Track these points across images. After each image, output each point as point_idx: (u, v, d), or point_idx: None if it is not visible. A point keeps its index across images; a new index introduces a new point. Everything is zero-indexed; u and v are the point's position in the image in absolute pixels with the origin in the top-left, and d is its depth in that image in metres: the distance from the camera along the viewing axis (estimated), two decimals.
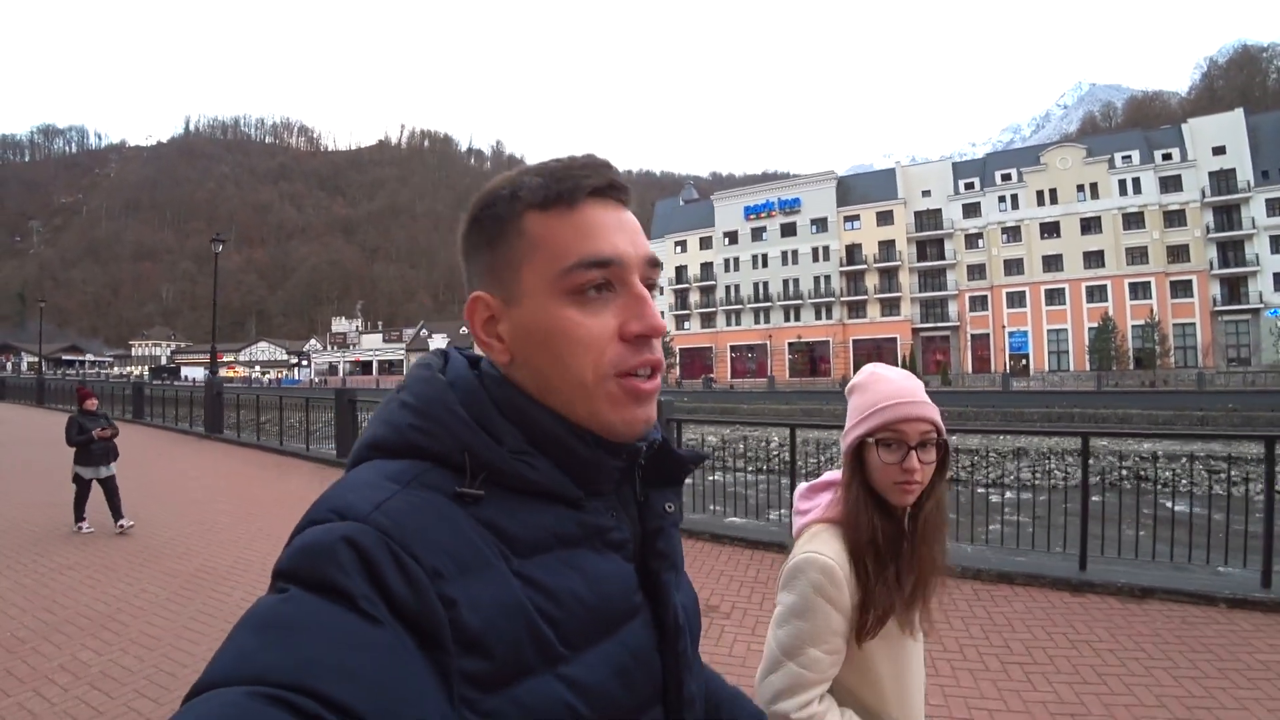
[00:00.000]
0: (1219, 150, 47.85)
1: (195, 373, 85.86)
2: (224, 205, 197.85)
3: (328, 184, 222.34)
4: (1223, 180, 47.39)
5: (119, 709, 3.07)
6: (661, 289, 63.59)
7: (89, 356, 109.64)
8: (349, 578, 0.45)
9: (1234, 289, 46.74)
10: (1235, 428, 27.95)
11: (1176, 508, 5.90)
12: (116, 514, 6.42)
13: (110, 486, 6.52)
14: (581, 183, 0.59)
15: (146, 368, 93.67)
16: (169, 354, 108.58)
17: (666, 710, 0.63)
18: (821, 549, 1.12)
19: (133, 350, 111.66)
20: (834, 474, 1.27)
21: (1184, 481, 7.81)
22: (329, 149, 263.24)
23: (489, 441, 0.56)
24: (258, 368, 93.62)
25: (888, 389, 1.16)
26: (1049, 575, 4.65)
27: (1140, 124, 75.67)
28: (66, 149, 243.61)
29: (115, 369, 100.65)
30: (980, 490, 7.53)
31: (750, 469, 6.54)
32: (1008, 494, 10.92)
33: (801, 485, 1.33)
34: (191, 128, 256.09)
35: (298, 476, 9.48)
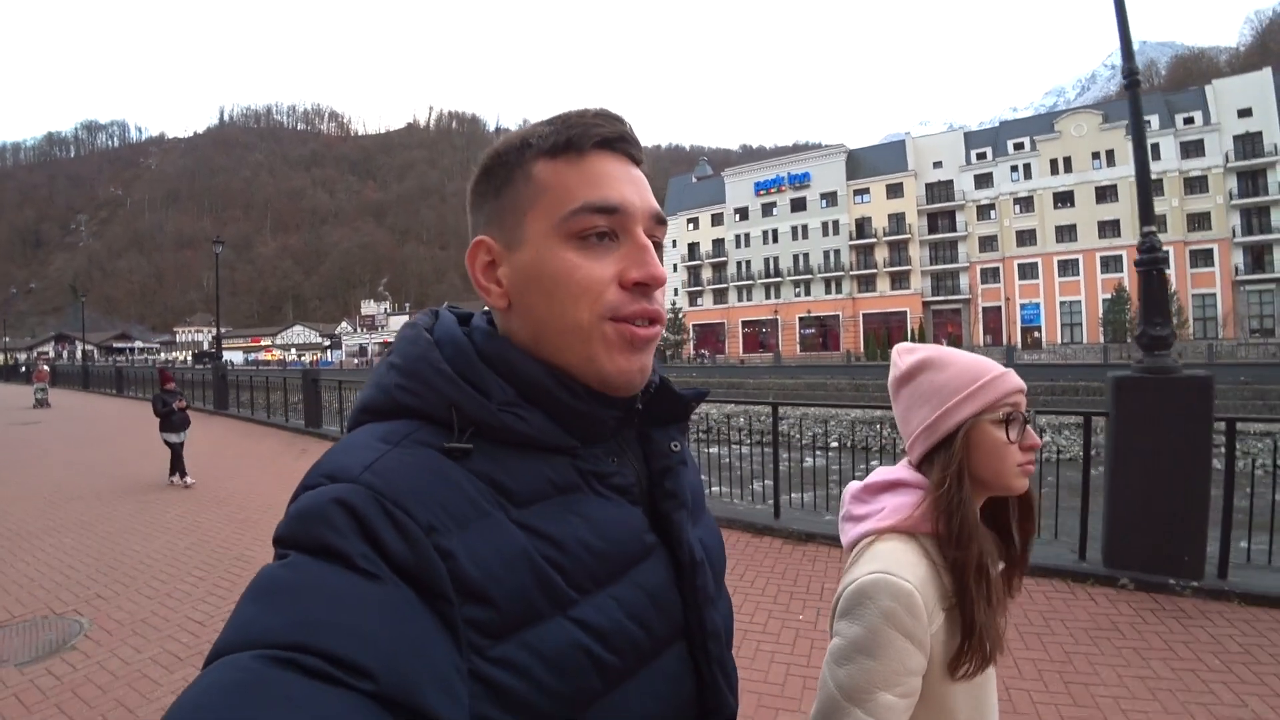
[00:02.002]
0: (1245, 113, 46.27)
1: (235, 357, 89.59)
2: (259, 193, 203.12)
3: (358, 168, 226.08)
4: (1248, 144, 45.86)
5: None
6: (675, 266, 64.26)
7: (137, 343, 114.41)
8: (344, 538, 0.45)
9: (1258, 257, 45.54)
10: (1246, 400, 27.97)
11: None
12: (183, 471, 8.30)
13: (178, 450, 8.40)
14: (591, 131, 0.60)
15: (190, 353, 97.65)
16: (211, 338, 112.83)
17: (690, 644, 0.63)
18: (895, 568, 0.92)
19: (177, 336, 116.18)
20: (893, 471, 1.06)
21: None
22: (359, 134, 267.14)
23: (475, 396, 0.56)
24: (293, 350, 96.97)
25: (973, 360, 1.02)
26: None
27: (1186, 84, 72.65)
28: (109, 143, 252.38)
29: (162, 354, 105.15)
30: None
31: (746, 442, 6.81)
32: None
33: (853, 485, 1.11)
34: (226, 118, 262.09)
35: (270, 439, 11.32)
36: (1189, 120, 47.77)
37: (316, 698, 0.38)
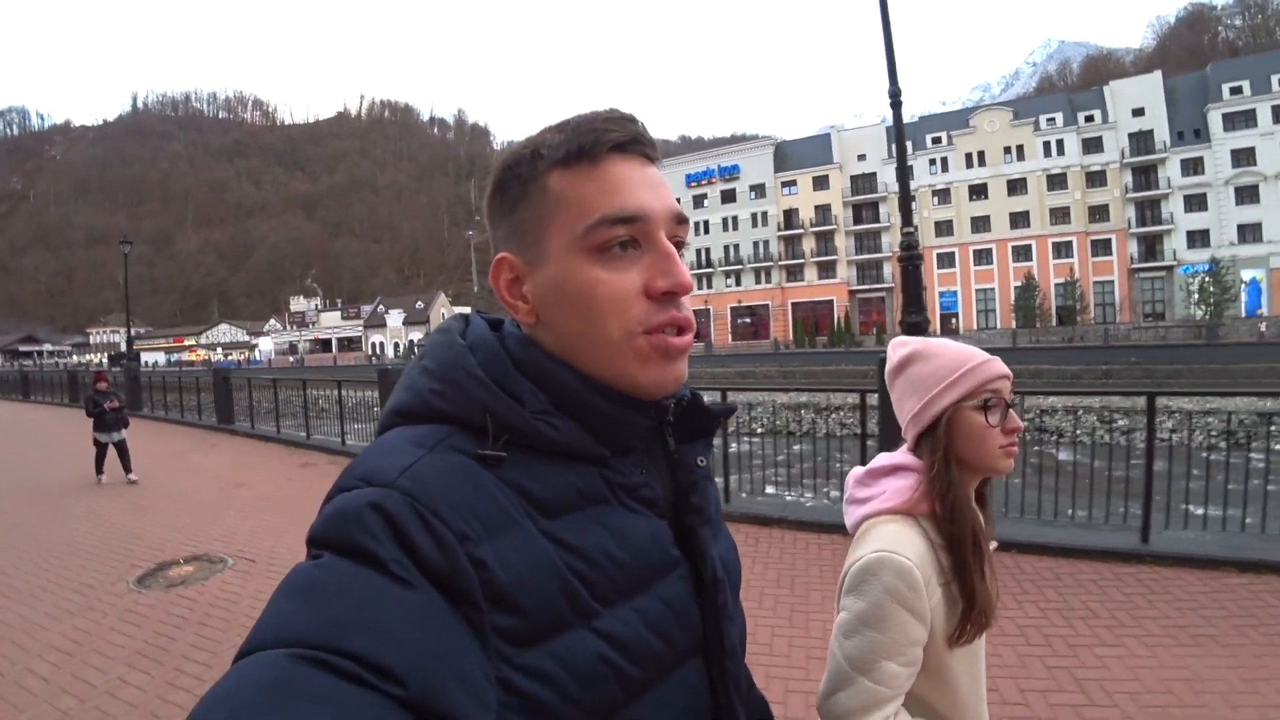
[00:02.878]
0: (1138, 112, 49.57)
1: (157, 358, 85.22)
2: (178, 185, 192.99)
3: (285, 159, 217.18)
4: (1141, 141, 49.22)
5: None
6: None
7: (46, 346, 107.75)
8: (378, 542, 0.45)
9: (1151, 247, 48.92)
10: (1136, 380, 30.18)
11: (1061, 456, 6.28)
12: (127, 468, 8.48)
13: (122, 448, 8.54)
14: (604, 137, 0.58)
15: (105, 355, 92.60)
16: (127, 340, 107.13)
17: (708, 660, 0.63)
18: (897, 547, 0.98)
19: (91, 338, 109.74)
20: (893, 457, 1.13)
21: (1077, 432, 8.43)
22: (285, 123, 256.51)
23: (510, 403, 0.56)
24: (220, 350, 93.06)
25: (961, 350, 1.07)
26: None
27: (1095, 82, 76.76)
28: (8, 131, 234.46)
29: (74, 358, 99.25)
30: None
31: None
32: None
33: (856, 469, 1.18)
34: (140, 104, 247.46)
35: (181, 437, 10.91)
36: (1089, 118, 50.84)
37: (346, 699, 0.39)
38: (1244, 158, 45.77)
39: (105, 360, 79.90)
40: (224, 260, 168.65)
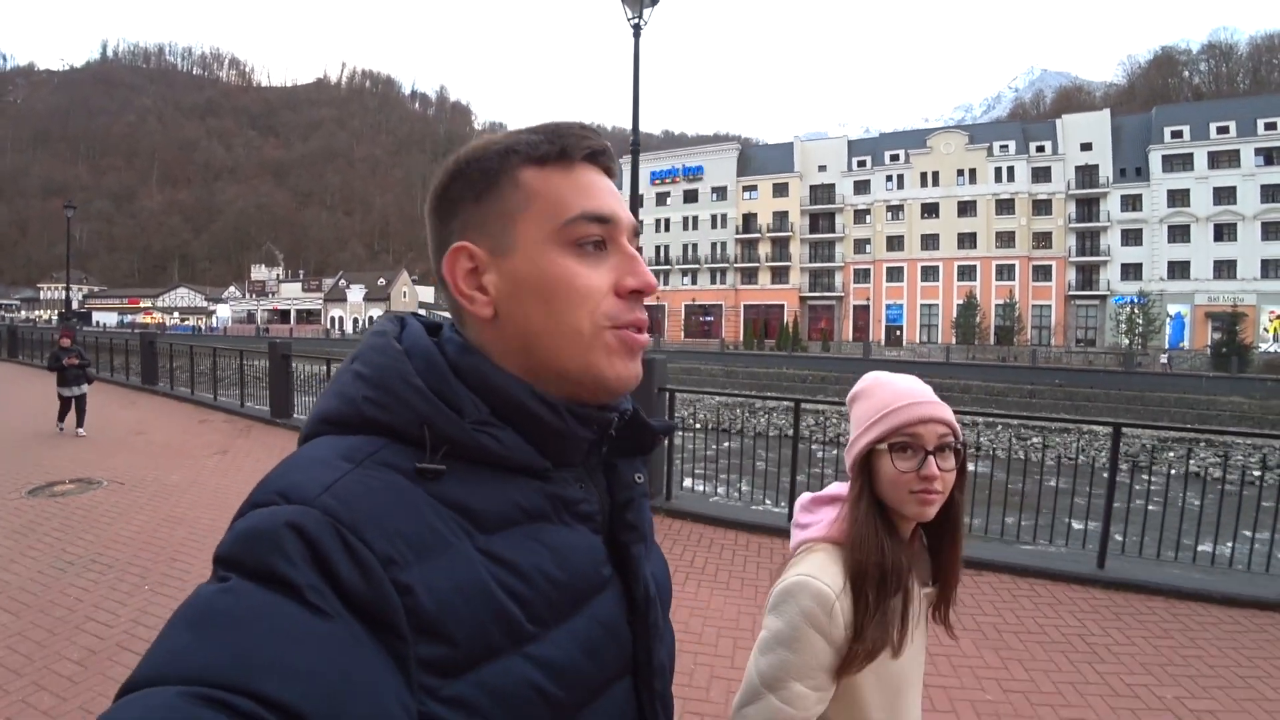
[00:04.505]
0: (1086, 146, 51.88)
1: (108, 318, 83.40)
2: (145, 140, 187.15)
3: (259, 122, 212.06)
4: (1087, 175, 51.50)
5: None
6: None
7: None
8: (294, 567, 0.43)
9: (1088, 276, 51.24)
10: (1057, 400, 32.16)
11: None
12: (80, 422, 9.11)
13: (80, 403, 9.16)
14: (580, 144, 0.60)
15: (56, 312, 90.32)
16: (81, 298, 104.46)
17: (637, 680, 0.63)
18: (817, 573, 1.00)
19: (41, 294, 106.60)
20: (838, 487, 1.15)
21: (997, 449, 8.78)
22: (262, 85, 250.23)
23: (449, 413, 0.54)
24: (176, 314, 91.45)
25: (894, 391, 1.07)
26: None
27: (1065, 113, 79.26)
28: None
29: (22, 313, 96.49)
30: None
31: None
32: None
33: (804, 495, 1.21)
34: (109, 53, 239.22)
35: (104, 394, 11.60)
36: (1040, 148, 53.00)
37: None
38: (1179, 198, 48.29)
39: (55, 317, 78.07)
40: (188, 222, 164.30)
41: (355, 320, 74.47)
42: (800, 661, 0.97)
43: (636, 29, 5.67)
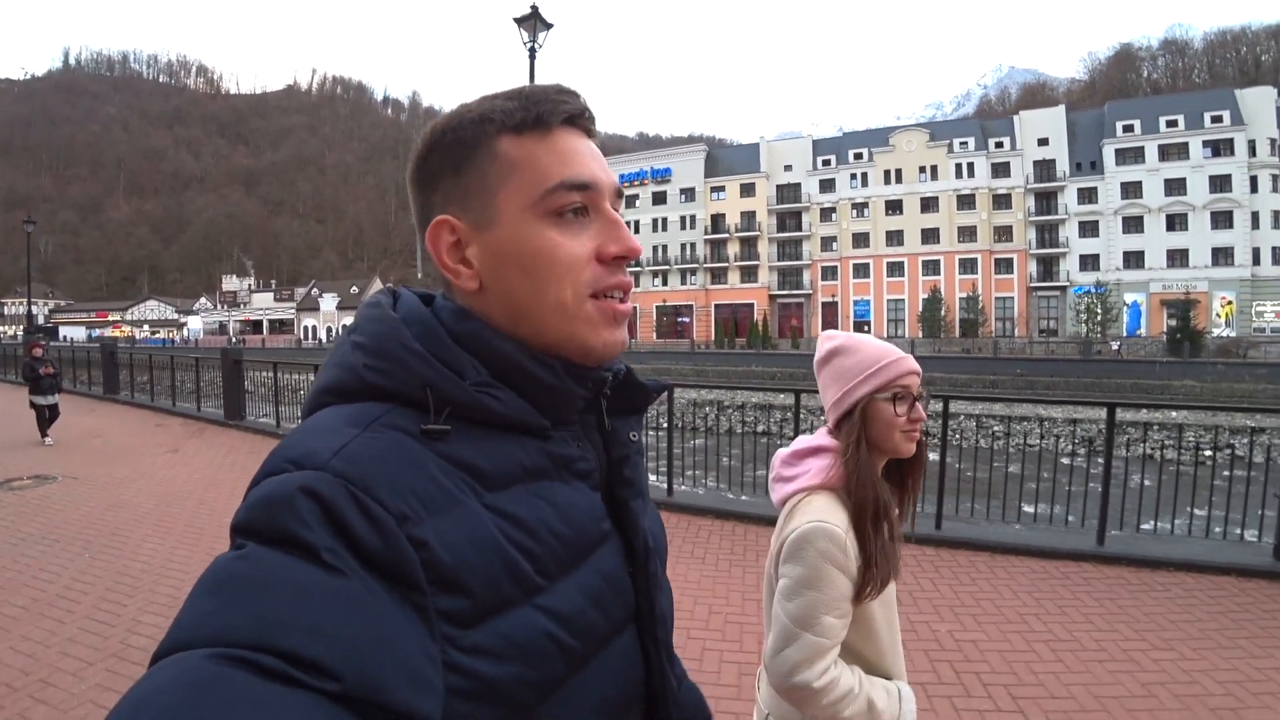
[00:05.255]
0: (1043, 142, 53.35)
1: (76, 333, 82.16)
2: (110, 150, 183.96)
3: (228, 130, 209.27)
4: (1044, 169, 52.95)
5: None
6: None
7: None
8: (310, 529, 0.43)
9: (1048, 268, 52.68)
10: (1020, 389, 33.19)
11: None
12: (44, 430, 9.27)
13: (53, 412, 9.37)
14: (557, 108, 0.59)
15: (20, 328, 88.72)
16: (47, 313, 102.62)
17: (640, 628, 0.65)
18: (826, 516, 1.13)
19: (5, 309, 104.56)
20: (814, 439, 1.27)
21: (955, 436, 8.80)
22: (231, 92, 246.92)
23: (450, 376, 0.55)
24: (146, 327, 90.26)
25: (878, 348, 1.22)
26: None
27: (1031, 109, 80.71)
28: None
29: None
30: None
31: None
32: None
33: (782, 451, 1.31)
34: (72, 61, 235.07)
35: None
36: (999, 144, 54.37)
37: (276, 700, 0.37)
38: (1132, 190, 49.94)
39: (20, 333, 76.66)
40: (156, 233, 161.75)
41: (329, 329, 74.16)
42: (826, 598, 1.10)
43: (532, 52, 6.17)
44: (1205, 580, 4.21)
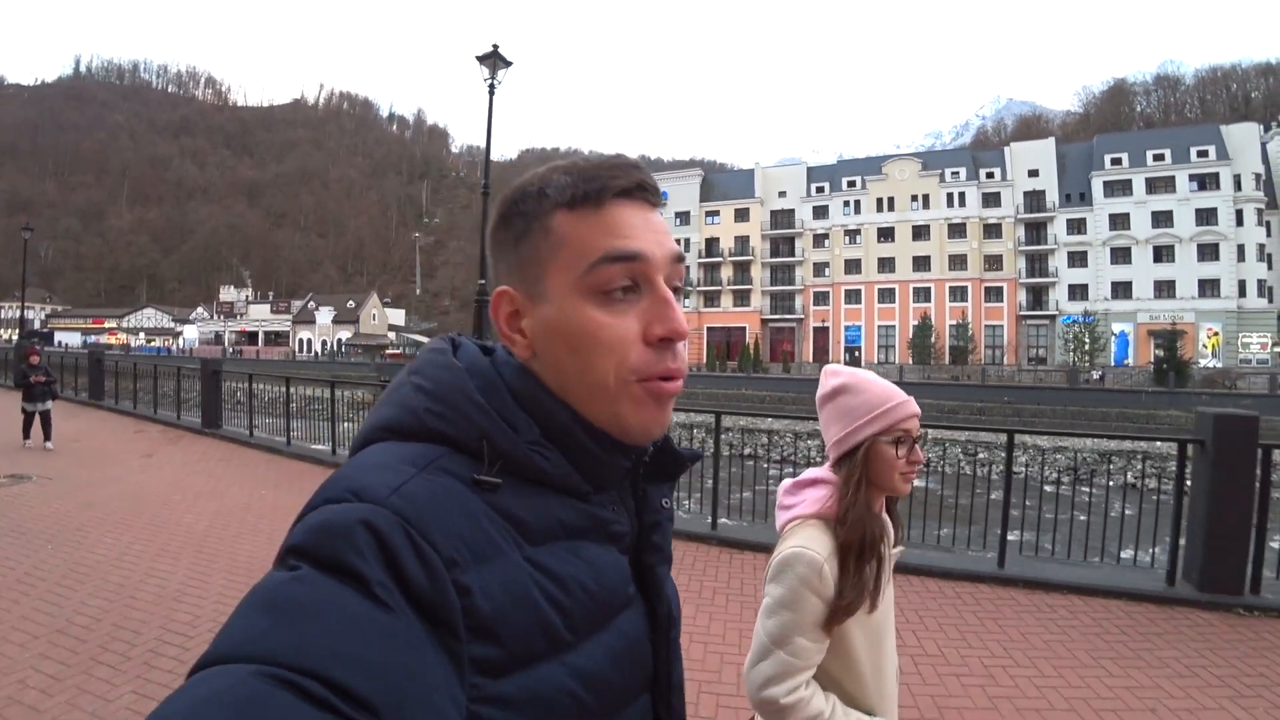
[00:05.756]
0: (1033, 173, 54.30)
1: (71, 338, 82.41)
2: (116, 158, 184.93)
3: (234, 142, 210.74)
4: (1034, 200, 53.86)
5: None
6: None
7: None
8: (365, 562, 0.44)
9: (1038, 296, 53.30)
10: (1005, 417, 33.50)
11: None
12: (47, 436, 9.46)
13: (46, 419, 9.52)
14: (609, 184, 0.59)
15: (13, 332, 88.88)
16: (44, 318, 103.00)
17: (655, 696, 0.65)
18: (810, 544, 1.18)
19: (3, 312, 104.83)
20: (816, 471, 1.32)
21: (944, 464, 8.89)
22: (238, 104, 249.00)
23: (507, 430, 0.56)
24: (142, 335, 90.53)
25: (883, 389, 1.26)
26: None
27: (1026, 140, 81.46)
28: None
29: None
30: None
31: None
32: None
33: (786, 481, 1.38)
34: (82, 69, 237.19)
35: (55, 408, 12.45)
36: (990, 175, 55.31)
37: None
38: (1120, 222, 50.75)
39: (14, 337, 76.68)
40: (157, 242, 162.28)
41: (324, 342, 74.46)
42: (801, 620, 1.15)
43: (491, 88, 6.65)
44: (1095, 603, 4.35)
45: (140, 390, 13.63)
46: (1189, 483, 4.62)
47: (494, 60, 6.63)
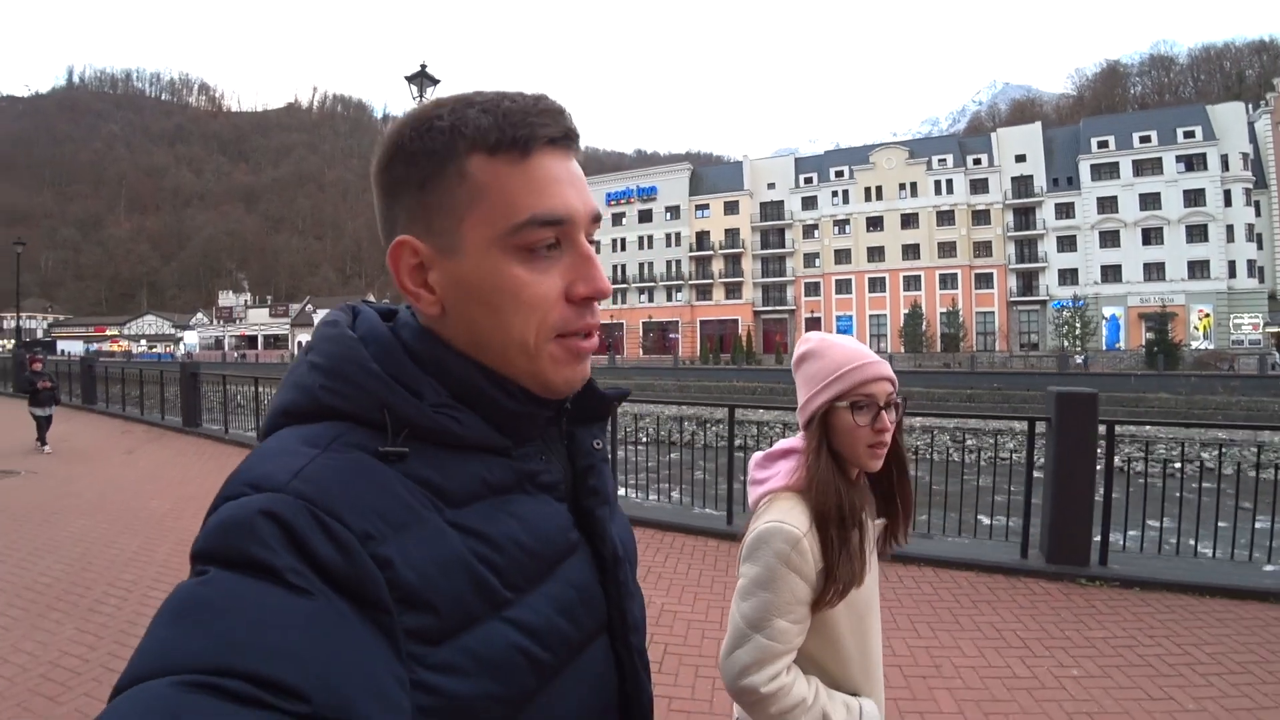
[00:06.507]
0: (1020, 158, 54.27)
1: (74, 347, 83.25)
2: (112, 167, 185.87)
3: (230, 148, 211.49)
4: (1022, 185, 53.82)
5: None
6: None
7: None
8: (272, 551, 0.43)
9: (1028, 282, 53.36)
10: (995, 404, 33.90)
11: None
12: (41, 440, 9.91)
13: (47, 422, 10.02)
14: (538, 131, 0.55)
15: (11, 342, 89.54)
16: (45, 328, 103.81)
17: (613, 637, 0.65)
18: (785, 518, 1.10)
19: (3, 323, 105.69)
20: (789, 442, 1.25)
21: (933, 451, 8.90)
22: (232, 110, 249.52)
23: (408, 397, 0.54)
24: (144, 341, 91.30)
25: (846, 352, 1.16)
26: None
27: (1020, 123, 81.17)
28: None
29: None
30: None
31: None
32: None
33: (757, 454, 1.29)
34: (75, 79, 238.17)
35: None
36: (977, 161, 55.45)
37: None
38: (1108, 205, 50.77)
39: (12, 347, 77.05)
40: (156, 249, 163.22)
41: None
42: (780, 600, 1.07)
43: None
44: (946, 575, 4.52)
45: (128, 394, 14.21)
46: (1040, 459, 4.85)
47: (421, 80, 7.06)
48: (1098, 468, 4.65)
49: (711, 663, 3.31)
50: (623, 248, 64.51)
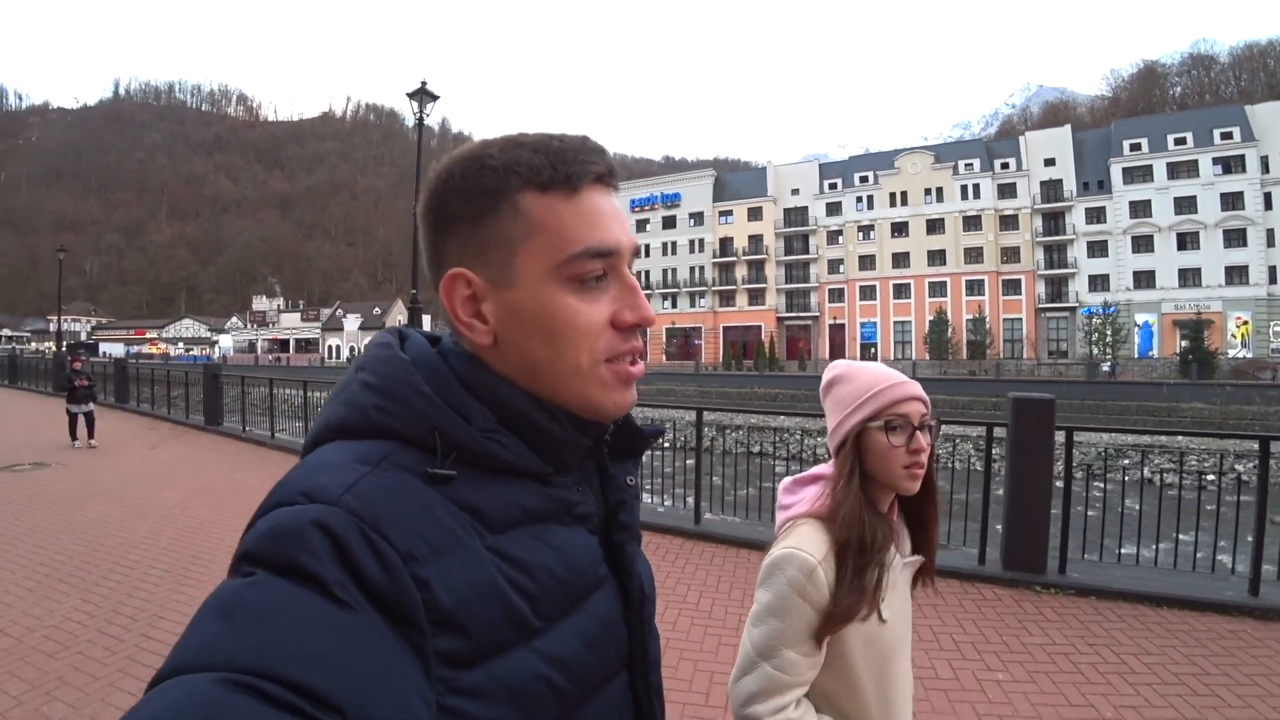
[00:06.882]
0: (1050, 162, 53.24)
1: (115, 349, 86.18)
2: (154, 176, 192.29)
3: (266, 156, 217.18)
4: (1051, 189, 52.75)
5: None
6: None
7: (4, 331, 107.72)
8: (320, 562, 0.44)
9: (1057, 288, 52.27)
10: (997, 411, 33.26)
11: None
12: (90, 435, 10.49)
13: (90, 419, 10.56)
14: (587, 168, 0.59)
15: (55, 343, 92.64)
16: (89, 330, 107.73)
17: (632, 674, 0.65)
18: (803, 545, 1.07)
19: (51, 325, 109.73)
20: (821, 468, 1.23)
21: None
22: (268, 120, 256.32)
23: (458, 420, 0.55)
24: (181, 344, 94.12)
25: (876, 374, 1.15)
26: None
27: (1052, 126, 79.55)
28: None
29: (32, 344, 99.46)
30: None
31: None
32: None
33: (786, 479, 1.27)
34: (121, 91, 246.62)
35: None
36: (1005, 165, 54.63)
37: None
38: (1141, 209, 49.55)
39: (55, 348, 79.71)
40: (195, 255, 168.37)
41: (352, 348, 76.65)
42: (790, 629, 1.04)
43: (420, 121, 7.52)
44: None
45: (157, 394, 14.89)
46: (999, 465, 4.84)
47: (421, 96, 7.48)
48: (1077, 475, 4.64)
49: (671, 670, 3.35)
50: (646, 254, 64.55)
